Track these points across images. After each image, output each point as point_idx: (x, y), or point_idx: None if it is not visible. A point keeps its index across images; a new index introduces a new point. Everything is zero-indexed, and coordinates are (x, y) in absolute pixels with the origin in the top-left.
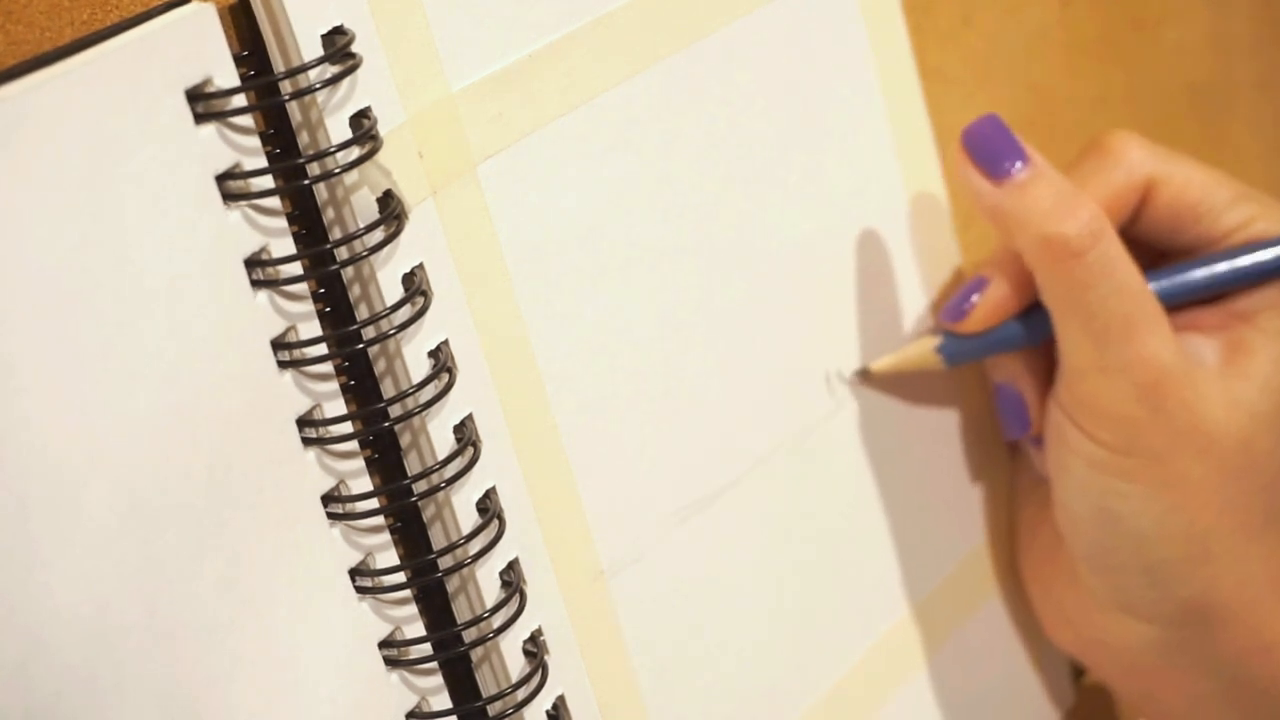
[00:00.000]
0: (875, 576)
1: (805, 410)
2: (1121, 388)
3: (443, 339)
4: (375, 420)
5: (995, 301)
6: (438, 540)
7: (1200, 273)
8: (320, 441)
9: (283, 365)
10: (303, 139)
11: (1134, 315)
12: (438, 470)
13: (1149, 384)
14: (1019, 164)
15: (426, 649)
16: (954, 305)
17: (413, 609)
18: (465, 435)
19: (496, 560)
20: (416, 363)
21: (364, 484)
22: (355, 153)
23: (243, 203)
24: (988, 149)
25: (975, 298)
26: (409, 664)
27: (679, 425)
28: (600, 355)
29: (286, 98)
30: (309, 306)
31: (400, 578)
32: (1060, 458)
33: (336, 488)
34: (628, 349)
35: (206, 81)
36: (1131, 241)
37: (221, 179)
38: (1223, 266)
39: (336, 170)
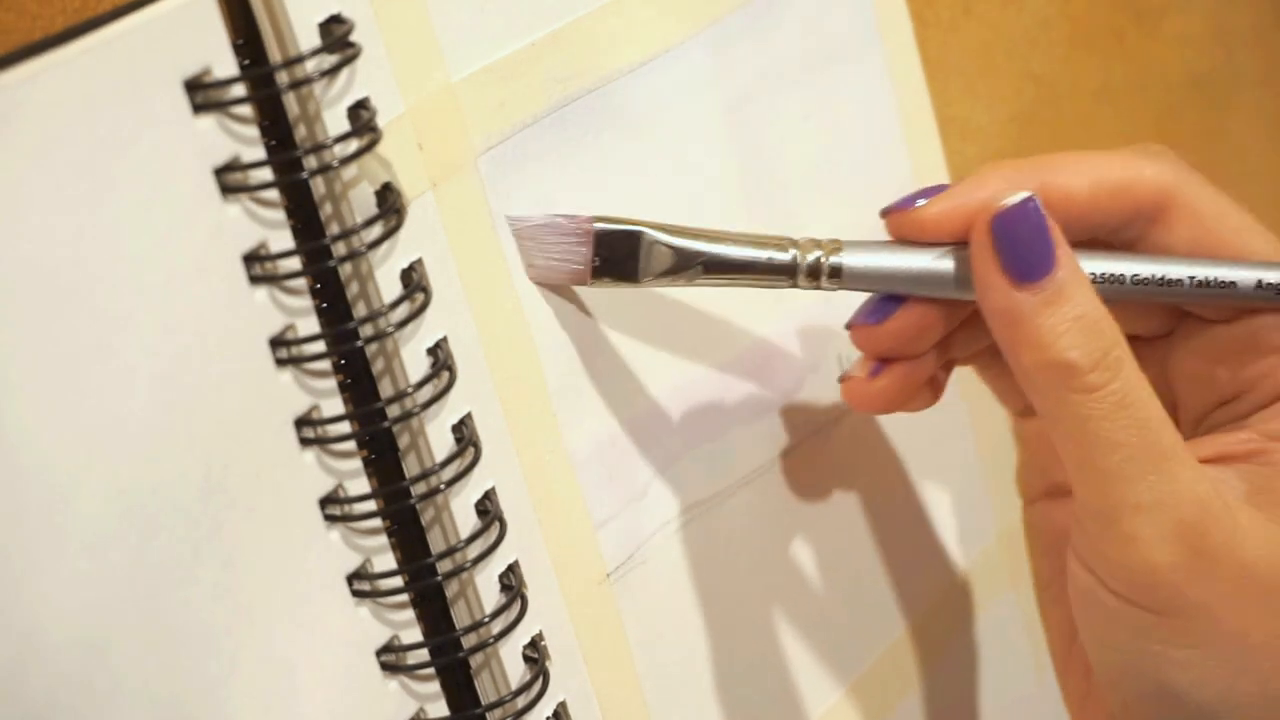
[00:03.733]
0: (884, 579)
1: (813, 411)
2: (1156, 532)
3: (442, 336)
4: (373, 420)
5: (947, 215)
6: (436, 543)
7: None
8: (319, 442)
9: (281, 363)
10: (299, 131)
11: (1162, 446)
12: (437, 472)
13: (1189, 523)
14: (1051, 269)
15: (425, 655)
16: (902, 200)
17: (411, 614)
18: (465, 435)
19: (496, 564)
20: (415, 361)
21: (362, 486)
22: (354, 145)
23: (242, 196)
24: (1021, 246)
25: (922, 202)
26: (407, 670)
27: (687, 422)
28: (605, 350)
29: (284, 89)
30: (308, 302)
31: (398, 582)
32: (1096, 631)
33: (335, 490)
34: (633, 343)
35: (205, 71)
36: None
37: (220, 172)
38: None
39: (335, 163)
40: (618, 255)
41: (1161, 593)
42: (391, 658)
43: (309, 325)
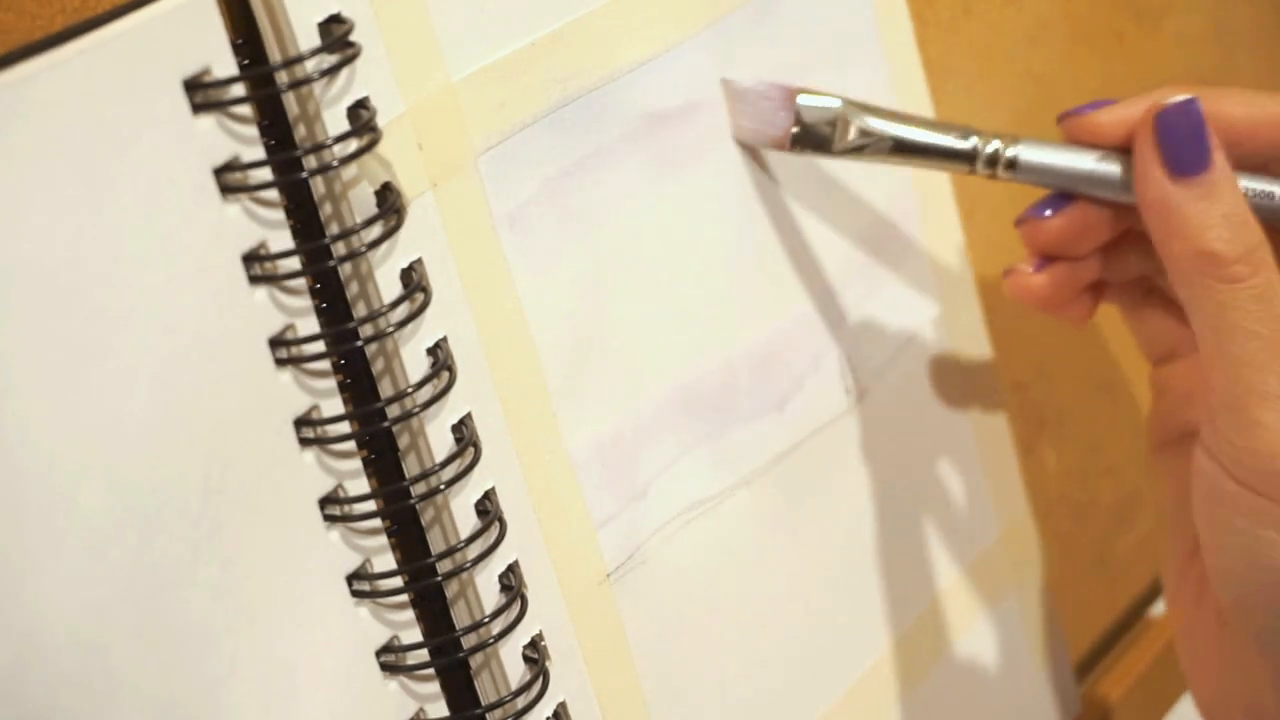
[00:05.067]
0: (885, 580)
1: (816, 409)
2: None
3: (442, 336)
4: (373, 420)
5: (1119, 120)
6: (436, 543)
7: None
8: (318, 442)
9: (280, 363)
10: (299, 131)
11: None
12: (437, 472)
13: None
14: (1206, 167)
15: (425, 655)
16: (1077, 109)
17: (411, 614)
18: (465, 435)
19: (496, 564)
20: (415, 360)
21: (362, 486)
22: (354, 145)
23: (242, 196)
24: (1180, 141)
25: (1100, 107)
26: (407, 671)
27: (687, 422)
28: (605, 350)
29: (283, 88)
30: (307, 302)
31: (398, 582)
32: (1216, 520)
33: (335, 490)
34: (634, 343)
35: (205, 71)
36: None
37: (220, 172)
38: None
39: (334, 163)
40: (816, 126)
41: None
42: (391, 658)
43: (309, 325)
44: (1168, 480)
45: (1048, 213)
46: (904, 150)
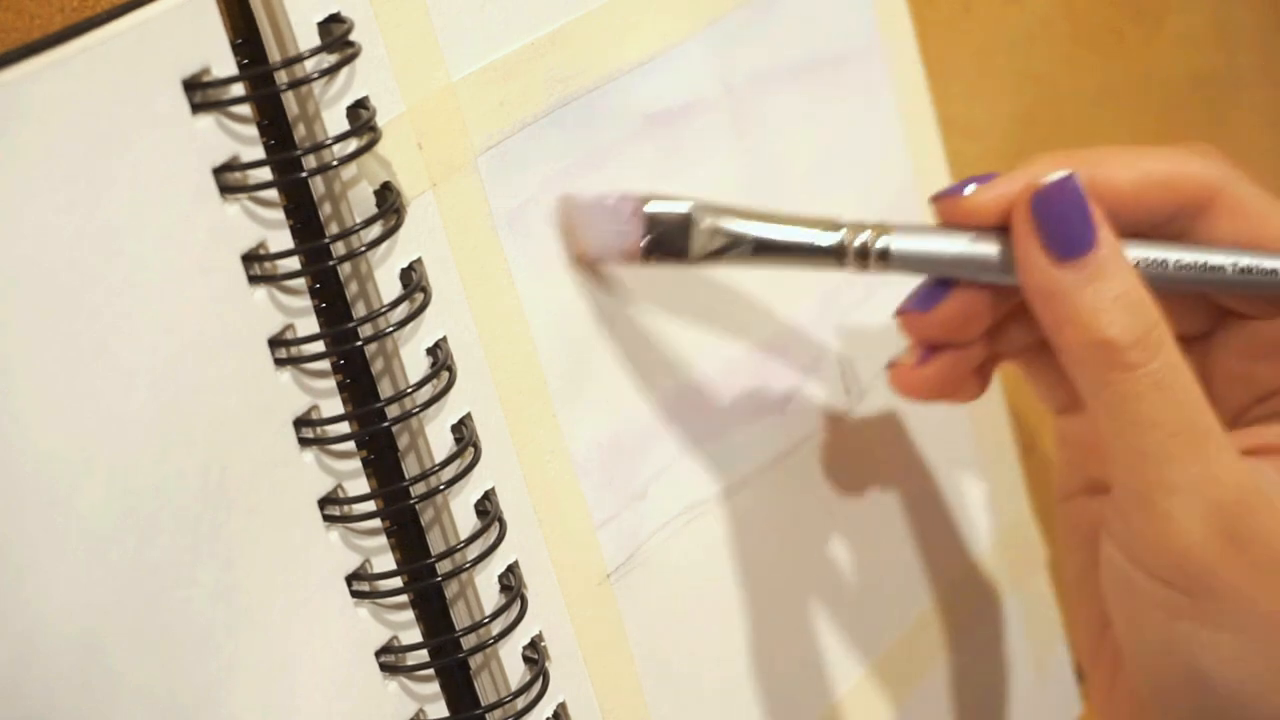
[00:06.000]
0: (885, 580)
1: (816, 409)
2: (1191, 512)
3: (441, 335)
4: (373, 420)
5: (994, 200)
6: (436, 544)
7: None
8: (318, 442)
9: (280, 363)
10: (299, 131)
11: (1200, 427)
12: (436, 472)
13: (1225, 505)
14: (1091, 246)
15: (424, 656)
16: (951, 186)
17: (410, 615)
18: (464, 435)
19: (496, 564)
20: (415, 360)
21: (361, 486)
22: (353, 144)
23: (241, 195)
24: (1061, 223)
25: (974, 185)
26: (406, 671)
27: (687, 422)
28: (605, 350)
29: (283, 88)
30: (307, 302)
31: (398, 583)
32: (1129, 613)
33: (334, 490)
34: (634, 343)
35: (204, 71)
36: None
37: (219, 171)
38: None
39: (334, 162)
40: (668, 235)
41: (1194, 573)
42: (391, 658)
43: (308, 325)
44: (1073, 537)
45: (926, 306)
46: (765, 251)
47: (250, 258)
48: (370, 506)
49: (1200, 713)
